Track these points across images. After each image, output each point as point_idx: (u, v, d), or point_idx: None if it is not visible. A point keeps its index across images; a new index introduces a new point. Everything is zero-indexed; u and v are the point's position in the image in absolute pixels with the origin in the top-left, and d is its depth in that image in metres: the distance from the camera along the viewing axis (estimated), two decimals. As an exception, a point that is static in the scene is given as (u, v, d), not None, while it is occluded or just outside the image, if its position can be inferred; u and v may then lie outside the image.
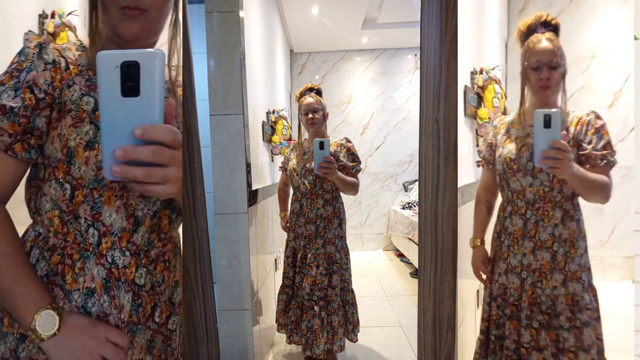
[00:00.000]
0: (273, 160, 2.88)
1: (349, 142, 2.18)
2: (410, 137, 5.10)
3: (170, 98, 0.82)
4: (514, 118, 1.45)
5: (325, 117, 2.20)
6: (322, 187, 2.15)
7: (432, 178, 1.47)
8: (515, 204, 1.40)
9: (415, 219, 3.85)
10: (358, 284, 2.39)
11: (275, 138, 2.85)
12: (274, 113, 2.90)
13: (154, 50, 0.60)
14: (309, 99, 2.15)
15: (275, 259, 2.82)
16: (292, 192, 2.34)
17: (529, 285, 1.36)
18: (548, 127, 1.14)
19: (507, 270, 1.42)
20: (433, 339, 1.49)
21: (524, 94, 1.39)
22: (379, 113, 5.14)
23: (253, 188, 2.09)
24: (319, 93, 2.20)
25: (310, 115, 2.14)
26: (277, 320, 2.27)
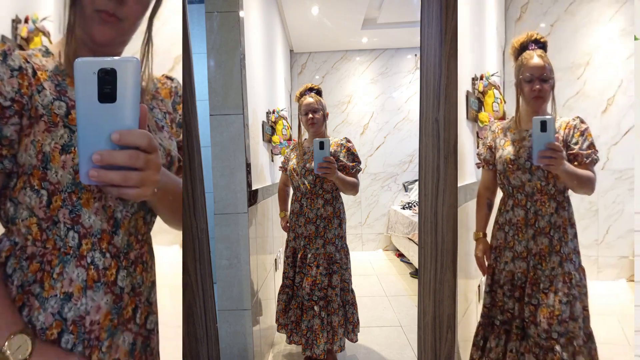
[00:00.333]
0: (273, 160, 2.88)
1: (349, 142, 2.18)
2: (410, 137, 5.10)
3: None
4: (510, 124, 1.64)
5: (325, 117, 2.20)
6: (322, 187, 2.15)
7: (432, 178, 1.47)
8: (516, 198, 1.59)
9: (415, 219, 3.85)
10: (358, 284, 2.39)
11: (275, 138, 2.85)
12: (274, 113, 2.90)
13: (130, 58, 0.61)
14: (309, 99, 2.15)
15: (275, 259, 2.82)
16: (292, 192, 2.34)
17: (531, 267, 1.54)
18: (544, 131, 1.34)
19: (513, 257, 1.59)
20: (433, 339, 1.49)
21: (519, 103, 1.59)
22: (379, 113, 5.14)
23: (253, 188, 2.09)
24: (319, 93, 2.20)
25: (310, 115, 2.14)
26: (277, 320, 2.27)
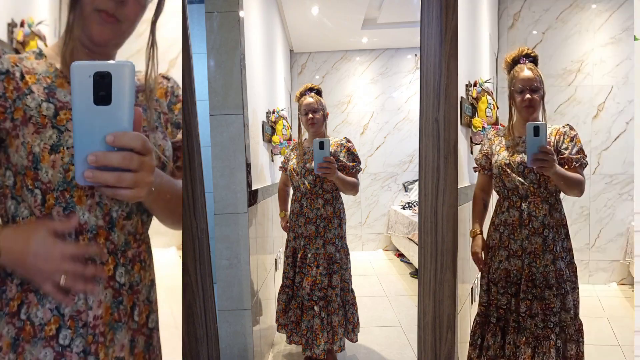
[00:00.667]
0: (273, 160, 2.88)
1: (349, 142, 2.18)
2: (410, 137, 5.10)
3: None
4: (505, 131, 1.76)
5: (325, 117, 2.20)
6: (322, 187, 2.15)
7: (432, 178, 1.47)
8: (512, 200, 1.68)
9: (415, 219, 3.85)
10: (358, 284, 2.39)
11: (275, 138, 2.85)
12: (274, 113, 2.90)
13: (125, 62, 0.62)
14: (309, 99, 2.15)
15: (275, 259, 2.82)
16: (292, 192, 2.34)
17: (526, 265, 1.63)
18: (537, 135, 1.44)
19: (508, 256, 1.68)
20: (433, 339, 1.49)
21: (512, 112, 1.71)
22: (379, 113, 5.14)
23: (253, 188, 2.09)
24: (319, 93, 2.20)
25: (310, 115, 2.14)
26: (277, 320, 2.27)
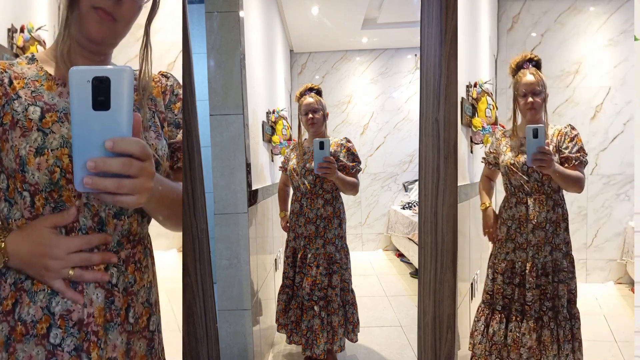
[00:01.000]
0: (273, 160, 2.88)
1: (349, 142, 2.18)
2: (410, 137, 5.10)
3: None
4: (510, 133, 1.88)
5: (325, 117, 2.20)
6: (322, 187, 2.15)
7: (432, 178, 1.47)
8: (518, 196, 1.82)
9: (415, 219, 3.85)
10: (358, 284, 2.39)
11: (275, 138, 2.85)
12: (274, 113, 2.90)
13: (123, 67, 0.62)
14: (309, 99, 2.15)
15: (275, 259, 2.82)
16: (292, 192, 2.34)
17: (530, 257, 1.77)
18: (536, 137, 1.55)
19: (515, 248, 1.82)
20: (433, 339, 1.49)
21: (516, 115, 1.83)
22: (379, 113, 5.14)
23: (253, 188, 2.09)
24: (319, 93, 2.20)
25: (310, 115, 2.14)
26: (277, 320, 2.27)
